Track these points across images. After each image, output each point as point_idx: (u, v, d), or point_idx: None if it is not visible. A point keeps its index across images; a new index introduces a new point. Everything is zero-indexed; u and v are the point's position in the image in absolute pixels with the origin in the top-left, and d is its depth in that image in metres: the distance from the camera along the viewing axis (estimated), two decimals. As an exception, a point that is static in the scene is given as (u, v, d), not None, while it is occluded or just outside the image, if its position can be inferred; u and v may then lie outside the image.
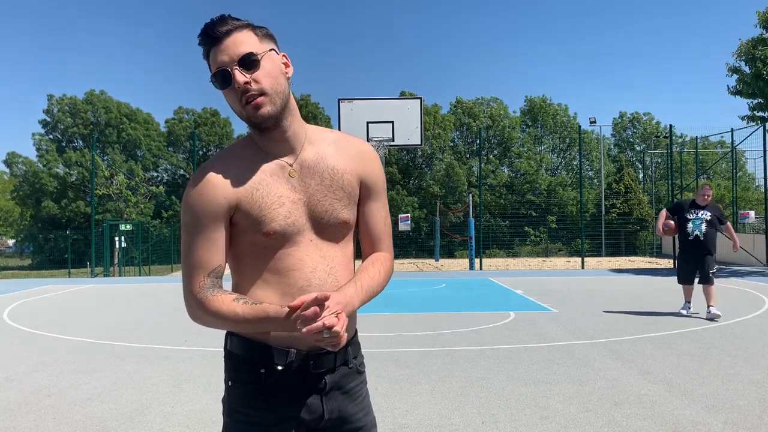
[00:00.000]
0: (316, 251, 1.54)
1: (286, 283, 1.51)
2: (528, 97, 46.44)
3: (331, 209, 1.55)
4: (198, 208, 1.49)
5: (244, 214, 1.49)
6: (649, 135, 44.27)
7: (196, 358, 6.29)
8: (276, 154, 1.54)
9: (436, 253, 28.78)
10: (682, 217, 8.29)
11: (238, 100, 1.46)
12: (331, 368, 1.56)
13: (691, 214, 8.23)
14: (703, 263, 8.14)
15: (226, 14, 1.51)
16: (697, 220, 8.18)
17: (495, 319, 8.45)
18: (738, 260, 20.28)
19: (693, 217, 8.20)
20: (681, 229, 8.31)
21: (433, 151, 41.22)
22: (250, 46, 1.47)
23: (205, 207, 1.48)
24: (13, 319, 9.38)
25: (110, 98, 44.49)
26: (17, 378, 5.57)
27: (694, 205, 8.33)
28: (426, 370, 5.59)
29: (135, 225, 27.04)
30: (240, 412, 1.53)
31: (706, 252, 8.17)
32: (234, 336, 1.55)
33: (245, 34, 1.48)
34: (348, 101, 16.44)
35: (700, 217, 8.18)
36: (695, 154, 32.01)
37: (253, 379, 1.51)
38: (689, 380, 5.07)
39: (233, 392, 1.55)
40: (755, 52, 15.99)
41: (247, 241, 1.51)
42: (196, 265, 1.49)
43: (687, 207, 8.33)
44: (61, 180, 41.83)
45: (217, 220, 1.49)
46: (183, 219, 1.52)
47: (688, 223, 8.21)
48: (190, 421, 4.26)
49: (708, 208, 8.24)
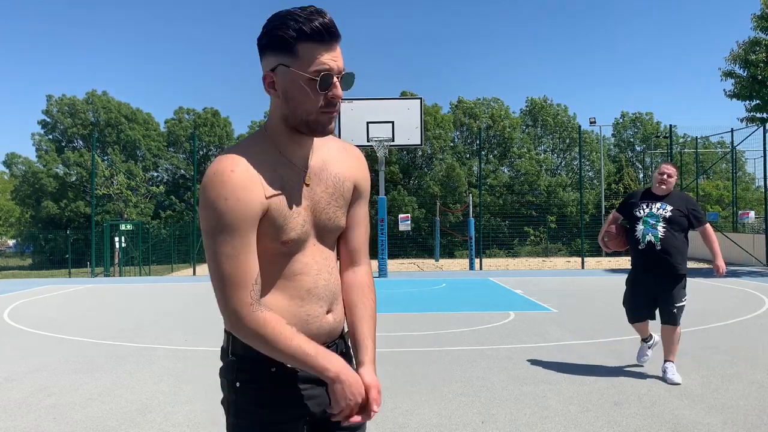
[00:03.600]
0: (318, 254, 1.57)
1: (294, 287, 1.53)
2: (528, 97, 46.50)
3: (334, 217, 1.58)
4: (237, 211, 1.39)
5: (269, 222, 1.45)
6: (650, 135, 44.27)
7: (196, 358, 6.29)
8: (294, 159, 1.52)
9: (436, 253, 28.79)
10: (630, 215, 5.26)
11: (318, 104, 1.44)
12: None
13: (641, 209, 5.16)
14: (663, 290, 5.06)
15: (325, 11, 1.43)
16: (650, 219, 5.09)
17: (495, 319, 8.45)
18: (738, 260, 20.28)
19: (643, 215, 5.13)
20: (629, 234, 5.27)
21: (434, 151, 41.23)
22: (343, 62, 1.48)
23: (245, 210, 1.40)
24: (13, 319, 9.37)
25: (111, 98, 44.55)
26: (17, 378, 5.57)
27: (649, 195, 5.26)
28: (426, 370, 5.59)
29: (135, 225, 27.05)
30: (251, 412, 1.52)
31: (665, 270, 5.02)
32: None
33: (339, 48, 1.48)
34: (348, 101, 16.43)
35: (654, 213, 5.09)
36: (695, 154, 31.99)
37: (264, 378, 1.52)
38: (689, 380, 5.07)
39: (243, 392, 1.53)
40: (749, 55, 15.99)
41: (260, 248, 1.47)
42: (243, 274, 1.42)
43: (638, 199, 5.28)
44: (61, 180, 41.86)
45: (254, 225, 1.43)
46: (214, 223, 1.40)
47: (636, 223, 5.16)
48: (190, 421, 4.26)
49: (670, 200, 5.17)
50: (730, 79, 16.67)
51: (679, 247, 5.04)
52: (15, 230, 50.81)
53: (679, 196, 5.28)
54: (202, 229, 1.43)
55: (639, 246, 5.12)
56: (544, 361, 5.88)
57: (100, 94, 44.43)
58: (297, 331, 1.46)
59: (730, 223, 28.81)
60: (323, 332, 1.57)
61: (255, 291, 1.44)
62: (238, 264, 1.42)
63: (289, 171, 1.50)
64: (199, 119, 45.23)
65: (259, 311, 1.43)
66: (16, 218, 49.77)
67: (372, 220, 36.53)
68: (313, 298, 1.55)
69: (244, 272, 1.43)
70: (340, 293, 1.63)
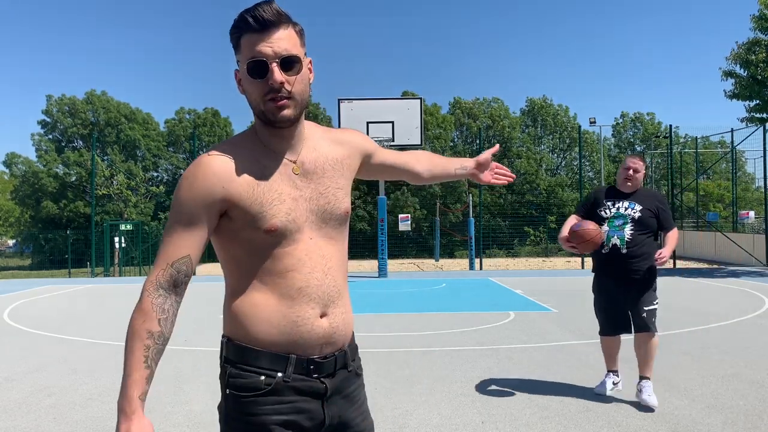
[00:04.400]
0: (315, 251, 1.53)
1: (285, 285, 1.49)
2: (528, 97, 46.52)
3: (334, 199, 1.57)
4: (192, 193, 1.45)
5: (242, 210, 1.46)
6: (650, 135, 44.27)
7: (196, 358, 6.29)
8: (279, 150, 1.53)
9: (436, 253, 28.78)
10: (594, 217, 4.62)
11: (262, 93, 1.45)
12: (331, 372, 1.54)
13: (606, 209, 4.59)
14: (630, 296, 4.50)
15: (271, 0, 1.45)
16: (617, 219, 4.53)
17: (495, 319, 8.45)
18: (738, 260, 20.29)
19: (610, 215, 4.56)
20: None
21: (434, 152, 41.22)
22: (293, 47, 1.46)
23: (200, 193, 1.44)
24: (13, 319, 9.38)
25: (110, 98, 44.52)
26: (17, 378, 5.57)
27: (614, 193, 4.67)
28: (426, 370, 5.59)
29: (135, 225, 27.05)
30: (239, 420, 1.49)
31: (634, 275, 4.46)
32: (231, 343, 1.52)
33: (290, 32, 1.46)
34: (348, 101, 16.44)
35: (622, 213, 4.54)
36: (695, 155, 31.99)
37: (253, 386, 1.48)
38: (689, 380, 5.07)
39: (232, 400, 1.50)
40: (749, 56, 15.99)
41: (245, 239, 1.48)
42: (164, 254, 1.46)
43: (603, 198, 4.67)
44: (61, 180, 41.84)
45: (207, 210, 1.45)
46: (172, 206, 1.48)
47: (601, 224, 4.54)
48: (190, 421, 4.26)
49: (638, 198, 4.59)
50: (730, 79, 16.68)
51: (646, 252, 4.45)
52: (15, 230, 50.81)
53: (647, 193, 4.69)
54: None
55: (602, 249, 4.52)
56: (544, 361, 5.88)
57: (99, 93, 44.44)
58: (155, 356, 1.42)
59: (730, 223, 28.82)
60: (315, 337, 1.51)
61: (167, 272, 1.44)
62: (169, 240, 1.46)
63: (272, 162, 1.51)
64: (199, 119, 45.22)
65: (154, 295, 1.44)
66: (15, 218, 49.77)
67: (372, 220, 36.47)
68: (304, 298, 1.49)
69: (166, 252, 1.46)
70: (339, 299, 1.56)
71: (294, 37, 1.47)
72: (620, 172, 4.67)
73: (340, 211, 1.58)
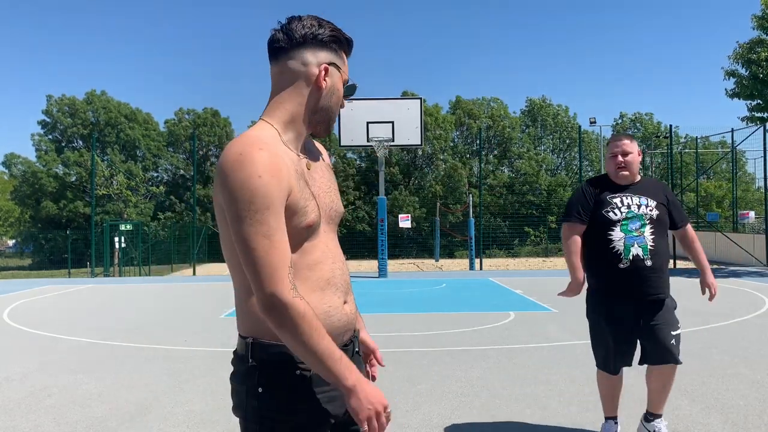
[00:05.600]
0: (331, 242, 1.60)
1: (315, 278, 1.52)
2: (528, 97, 46.52)
3: (336, 199, 1.65)
4: (272, 188, 1.38)
5: (294, 204, 1.45)
6: (650, 135, 44.26)
7: (196, 358, 6.29)
8: (295, 150, 1.57)
9: (436, 253, 28.80)
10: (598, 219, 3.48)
11: (337, 105, 1.59)
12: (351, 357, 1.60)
13: (615, 209, 3.47)
14: (652, 318, 3.47)
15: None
16: (632, 222, 3.44)
17: (495, 319, 8.45)
18: (738, 260, 20.29)
19: (621, 216, 3.45)
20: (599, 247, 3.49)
21: (434, 152, 41.23)
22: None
23: (279, 188, 1.40)
24: (13, 319, 9.37)
25: (110, 98, 44.51)
26: (17, 378, 5.57)
27: (614, 187, 3.55)
28: (426, 370, 5.59)
29: (135, 225, 27.05)
30: (275, 419, 1.50)
31: (661, 293, 3.47)
32: (260, 343, 1.50)
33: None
34: (348, 101, 16.40)
35: (635, 212, 3.46)
36: (695, 155, 31.99)
37: (289, 383, 1.49)
38: (689, 380, 5.07)
39: (266, 398, 1.50)
40: (751, 55, 16.00)
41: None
42: (281, 255, 1.38)
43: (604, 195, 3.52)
44: (61, 180, 41.83)
45: (284, 205, 1.42)
46: (248, 202, 1.36)
47: (613, 229, 3.44)
48: (190, 421, 4.26)
49: (646, 190, 3.56)
50: (732, 78, 16.68)
51: (667, 260, 3.50)
52: (15, 230, 50.80)
53: (653, 183, 3.61)
54: (232, 212, 1.38)
55: (620, 264, 3.35)
56: (544, 361, 5.88)
57: (99, 93, 44.43)
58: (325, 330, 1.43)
59: (730, 223, 28.82)
60: (342, 324, 1.57)
61: (292, 274, 1.40)
62: (274, 243, 1.38)
63: (296, 160, 1.53)
64: (199, 119, 45.18)
65: (299, 297, 1.40)
66: (15, 218, 49.76)
67: (372, 220, 36.47)
68: (332, 288, 1.54)
69: (281, 252, 1.38)
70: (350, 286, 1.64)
71: None
72: (608, 162, 3.53)
73: (341, 208, 1.66)
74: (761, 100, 16.47)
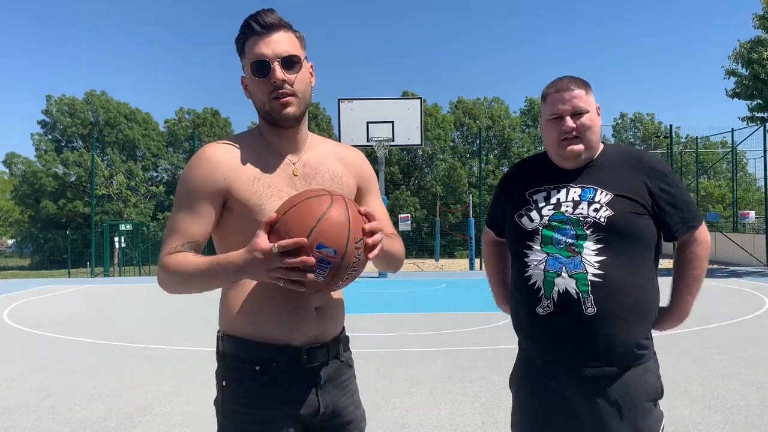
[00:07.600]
0: None
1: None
2: (528, 97, 46.51)
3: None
4: (195, 181, 1.51)
5: (241, 201, 1.51)
6: (650, 135, 44.25)
7: (196, 358, 6.29)
8: (281, 151, 1.59)
9: (437, 253, 28.78)
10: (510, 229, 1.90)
11: (267, 92, 1.53)
12: (325, 362, 1.58)
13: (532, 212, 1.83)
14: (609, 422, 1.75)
15: (272, 8, 1.56)
16: (563, 231, 1.76)
17: (495, 319, 8.45)
18: (738, 260, 20.29)
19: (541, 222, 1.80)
20: (515, 277, 1.89)
21: (434, 152, 41.25)
22: (293, 48, 1.55)
23: (202, 182, 1.50)
24: (13, 319, 9.37)
25: (110, 98, 44.49)
26: (17, 378, 5.57)
27: (546, 171, 1.88)
28: (426, 370, 5.59)
29: (134, 225, 27.05)
30: (236, 411, 1.53)
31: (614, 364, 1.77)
32: (227, 336, 1.57)
33: (290, 35, 1.56)
34: (348, 101, 16.44)
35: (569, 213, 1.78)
36: (696, 155, 31.99)
37: (248, 377, 1.52)
38: (689, 380, 5.07)
39: (228, 392, 1.55)
40: (751, 55, 16.00)
41: (243, 231, 1.49)
42: (175, 232, 1.50)
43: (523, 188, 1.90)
44: (60, 180, 41.82)
45: (209, 198, 1.51)
46: (177, 190, 1.55)
47: (530, 246, 1.80)
48: (190, 421, 4.26)
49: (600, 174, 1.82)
50: (732, 77, 16.68)
51: (644, 301, 1.92)
52: (14, 230, 50.79)
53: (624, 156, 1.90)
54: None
55: (537, 308, 1.78)
56: (544, 361, 5.87)
57: (99, 93, 44.43)
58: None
59: (730, 223, 28.81)
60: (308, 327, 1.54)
61: (181, 247, 1.49)
62: (177, 225, 1.50)
63: (274, 160, 1.58)
64: (199, 119, 45.17)
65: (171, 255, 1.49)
66: (15, 218, 49.76)
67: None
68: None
69: (178, 231, 1.50)
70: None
71: (294, 41, 1.56)
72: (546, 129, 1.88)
73: None
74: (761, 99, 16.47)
